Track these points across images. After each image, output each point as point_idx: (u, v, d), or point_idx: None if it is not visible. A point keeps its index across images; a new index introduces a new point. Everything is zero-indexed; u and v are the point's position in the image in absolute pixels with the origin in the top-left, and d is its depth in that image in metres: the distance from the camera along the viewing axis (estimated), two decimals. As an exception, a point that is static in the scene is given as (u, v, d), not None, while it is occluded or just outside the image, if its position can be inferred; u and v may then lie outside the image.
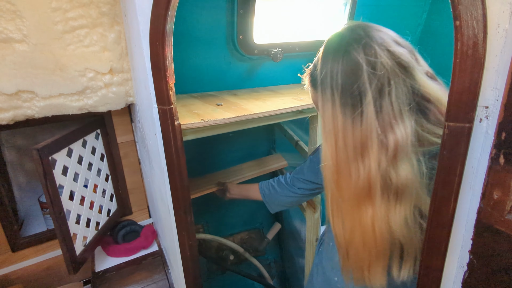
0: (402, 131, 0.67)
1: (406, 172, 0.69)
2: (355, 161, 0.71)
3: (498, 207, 0.48)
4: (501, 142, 0.46)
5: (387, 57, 0.67)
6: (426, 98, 0.69)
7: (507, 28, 0.44)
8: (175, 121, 0.84)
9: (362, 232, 0.74)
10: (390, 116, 0.67)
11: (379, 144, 0.68)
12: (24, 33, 0.99)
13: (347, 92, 0.69)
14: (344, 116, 0.70)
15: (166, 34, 0.76)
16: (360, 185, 0.71)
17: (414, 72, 0.68)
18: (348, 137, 0.70)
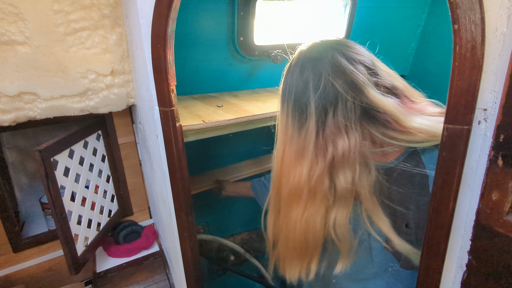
0: (345, 144, 0.73)
1: (343, 181, 0.76)
2: (294, 166, 0.80)
3: (497, 208, 0.49)
4: (500, 144, 0.47)
5: (337, 76, 0.73)
6: (380, 111, 0.74)
7: (505, 32, 0.45)
8: (176, 122, 0.84)
9: (289, 227, 0.84)
10: (332, 130, 0.74)
11: (315, 154, 0.76)
12: (26, 35, 1.00)
13: (296, 105, 0.77)
14: (293, 126, 0.79)
15: (168, 36, 0.77)
16: (293, 186, 0.80)
17: (366, 89, 0.73)
18: (293, 145, 0.79)
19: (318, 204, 0.79)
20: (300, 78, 0.76)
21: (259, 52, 1.44)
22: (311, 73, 0.75)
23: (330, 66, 0.74)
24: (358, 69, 0.74)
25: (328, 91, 0.73)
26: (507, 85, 0.44)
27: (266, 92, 1.49)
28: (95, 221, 1.31)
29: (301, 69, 0.77)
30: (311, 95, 0.74)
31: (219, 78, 1.49)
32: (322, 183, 0.77)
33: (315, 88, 0.74)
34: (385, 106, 0.73)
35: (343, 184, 0.76)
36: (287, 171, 0.82)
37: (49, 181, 1.01)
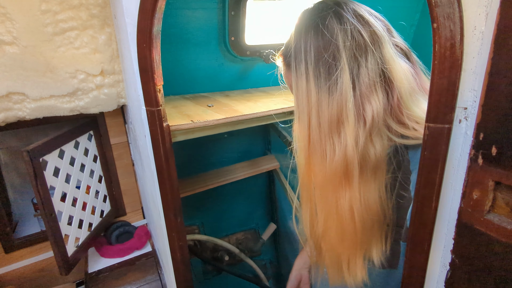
0: (378, 102, 0.64)
1: (381, 147, 0.65)
2: (330, 138, 0.66)
3: (478, 207, 0.49)
4: (480, 143, 0.47)
5: (361, 24, 0.65)
6: (389, 77, 0.66)
7: (483, 30, 0.44)
8: (163, 122, 0.84)
9: (339, 220, 0.69)
10: (366, 85, 0.64)
11: (357, 115, 0.64)
12: (14, 35, 0.99)
13: (320, 62, 0.65)
14: (318, 88, 0.66)
15: (153, 36, 0.76)
16: (335, 165, 0.66)
17: (384, 46, 0.66)
18: (323, 111, 0.66)
19: (371, 178, 0.66)
20: (322, 29, 0.65)
21: (250, 52, 1.44)
22: (335, 20, 0.65)
23: (354, 14, 0.66)
24: (377, 22, 0.67)
25: (358, 40, 0.64)
26: (486, 84, 0.44)
27: (258, 92, 1.49)
28: (86, 221, 1.30)
29: (321, 19, 0.66)
30: (340, 44, 0.64)
31: (210, 78, 1.49)
32: (369, 152, 0.65)
33: (344, 36, 0.64)
34: (397, 71, 0.65)
35: (380, 150, 0.65)
36: (321, 148, 0.67)
37: (38, 181, 1.00)
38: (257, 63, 1.56)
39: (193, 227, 1.92)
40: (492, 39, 0.42)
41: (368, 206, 0.67)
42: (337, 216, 0.69)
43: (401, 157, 0.69)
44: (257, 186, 2.04)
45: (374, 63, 0.64)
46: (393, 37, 0.70)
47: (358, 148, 0.64)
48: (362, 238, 0.69)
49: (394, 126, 0.67)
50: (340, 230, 0.70)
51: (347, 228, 0.68)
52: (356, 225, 0.68)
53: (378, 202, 0.67)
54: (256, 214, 2.14)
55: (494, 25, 0.42)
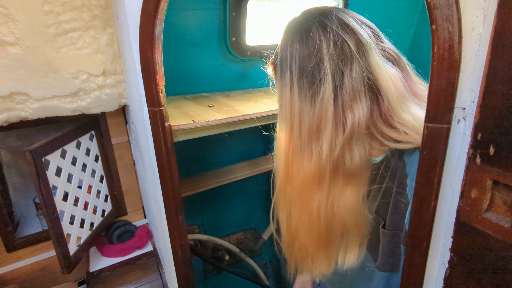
0: (360, 111, 0.65)
1: (359, 156, 0.67)
2: (309, 145, 0.68)
3: (476, 206, 0.49)
4: (478, 143, 0.47)
5: (346, 33, 0.65)
6: (376, 84, 0.66)
7: (481, 32, 0.45)
8: (165, 122, 0.85)
9: (309, 219, 0.73)
10: (350, 94, 0.64)
11: (335, 124, 0.66)
12: (17, 36, 1.00)
13: (304, 73, 0.66)
14: (301, 99, 0.67)
15: (156, 37, 0.77)
16: (310, 170, 0.69)
17: (370, 53, 0.65)
18: (304, 120, 0.68)
19: (342, 184, 0.69)
20: (306, 38, 0.66)
21: (251, 53, 1.45)
22: (319, 30, 0.65)
23: (339, 23, 0.65)
24: (364, 30, 0.67)
25: (342, 49, 0.64)
26: (484, 85, 0.45)
27: (259, 92, 1.50)
28: (88, 221, 1.31)
29: (305, 28, 0.67)
30: (324, 54, 0.64)
31: (211, 79, 1.49)
32: (344, 159, 0.67)
33: (328, 45, 0.64)
34: (384, 79, 0.65)
35: (358, 158, 0.67)
36: (300, 155, 0.70)
37: (40, 181, 1.01)
38: (258, 63, 1.57)
39: (193, 227, 1.93)
40: (489, 40, 0.43)
41: (333, 211, 0.70)
42: (307, 216, 0.73)
43: (396, 163, 0.71)
44: (257, 186, 2.05)
45: (359, 71, 0.65)
46: (381, 42, 0.69)
47: (332, 155, 0.66)
48: (325, 238, 0.74)
49: (386, 131, 0.68)
50: (308, 229, 0.74)
51: (313, 225, 0.73)
52: (321, 224, 0.72)
53: (347, 209, 0.70)
54: (256, 214, 2.15)
55: (492, 26, 0.43)
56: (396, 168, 0.71)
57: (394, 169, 0.71)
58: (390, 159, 0.71)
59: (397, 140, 0.68)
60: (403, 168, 0.69)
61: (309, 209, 0.73)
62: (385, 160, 0.72)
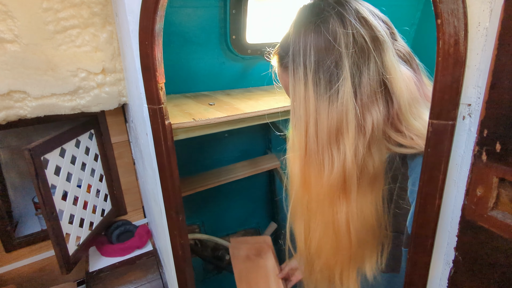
0: (378, 113, 0.60)
1: (379, 159, 0.63)
2: (328, 150, 0.62)
3: (481, 204, 0.49)
4: (483, 139, 0.46)
5: (364, 28, 0.60)
6: (390, 86, 0.62)
7: (487, 27, 0.44)
8: (165, 120, 0.84)
9: (335, 234, 0.66)
10: (368, 94, 0.60)
11: (357, 126, 0.60)
12: (15, 33, 0.99)
13: (321, 68, 0.60)
14: (317, 96, 0.61)
15: (156, 33, 0.76)
16: (334, 178, 0.62)
17: (386, 52, 0.61)
18: (321, 121, 0.61)
19: (368, 191, 0.63)
20: (323, 33, 0.60)
21: (251, 51, 1.44)
22: (337, 24, 0.59)
23: (357, 15, 0.60)
24: (380, 25, 0.62)
25: (361, 45, 0.59)
26: (490, 80, 0.44)
27: (259, 91, 1.49)
28: (87, 220, 1.30)
29: (322, 22, 0.60)
30: (342, 51, 0.59)
31: (212, 77, 1.48)
32: (367, 164, 0.62)
33: (347, 41, 0.59)
34: (397, 81, 0.60)
35: (379, 161, 0.62)
36: (318, 159, 0.63)
37: (39, 180, 1.00)
38: (258, 61, 1.56)
39: (193, 226, 1.92)
40: (496, 35, 0.42)
41: (364, 219, 0.65)
42: (333, 230, 0.66)
43: (399, 165, 0.68)
44: (258, 185, 2.04)
45: (376, 71, 0.60)
46: (396, 41, 0.65)
47: (357, 161, 0.61)
48: (356, 251, 0.67)
49: (392, 135, 0.64)
50: (335, 245, 0.67)
51: (342, 241, 0.66)
52: (352, 239, 0.66)
53: (374, 215, 0.65)
54: (256, 213, 2.14)
55: (499, 21, 0.42)
56: (399, 169, 0.68)
57: (396, 170, 0.68)
58: (393, 160, 0.69)
59: (401, 144, 0.65)
60: (405, 170, 0.67)
61: (335, 223, 0.65)
62: (387, 160, 0.70)
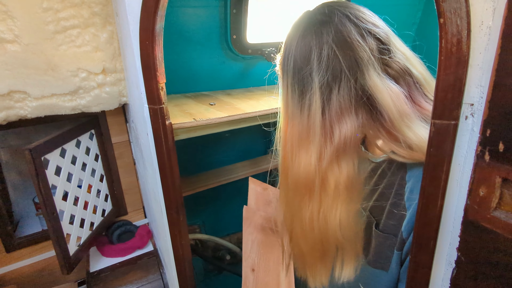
0: (348, 128, 0.64)
1: (347, 171, 0.66)
2: (298, 152, 0.68)
3: (484, 204, 0.48)
4: (486, 139, 0.46)
5: (341, 49, 0.63)
6: (375, 102, 0.64)
7: (490, 25, 0.44)
8: (166, 120, 0.84)
9: (301, 225, 0.72)
10: (336, 111, 0.64)
11: (323, 136, 0.65)
12: (15, 33, 0.99)
13: (296, 79, 0.66)
14: (293, 103, 0.68)
15: (156, 33, 0.76)
16: (299, 178, 0.69)
17: (368, 71, 0.63)
18: (294, 126, 0.68)
19: (333, 197, 0.68)
20: (302, 44, 0.65)
21: (252, 50, 1.44)
22: (314, 39, 0.64)
23: (336, 34, 0.63)
24: (367, 43, 0.63)
25: (333, 65, 0.62)
26: (493, 80, 0.44)
27: (260, 91, 1.48)
28: (88, 220, 1.30)
29: (304, 33, 0.65)
30: (314, 67, 0.63)
31: (212, 77, 1.48)
32: (332, 171, 0.66)
33: (319, 60, 0.63)
34: (382, 98, 0.62)
35: (346, 173, 0.66)
36: (292, 157, 0.70)
37: (40, 180, 1.00)
38: (259, 61, 1.56)
39: (194, 227, 1.92)
40: (499, 34, 0.42)
41: (326, 224, 0.69)
42: (303, 221, 0.72)
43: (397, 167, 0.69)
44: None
45: (348, 89, 0.63)
46: (387, 56, 0.65)
47: (320, 166, 0.66)
48: (320, 249, 0.72)
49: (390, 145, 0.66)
50: (306, 234, 0.73)
51: (307, 236, 0.72)
52: (315, 237, 0.71)
53: (339, 224, 0.68)
54: (257, 213, 2.14)
55: (502, 20, 0.42)
56: (397, 171, 0.69)
57: (393, 172, 0.70)
58: (392, 162, 0.70)
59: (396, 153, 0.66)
60: (403, 174, 0.68)
61: (301, 216, 0.72)
62: (386, 162, 0.71)
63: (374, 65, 0.63)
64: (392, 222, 0.70)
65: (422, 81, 0.68)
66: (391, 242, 0.71)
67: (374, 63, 0.63)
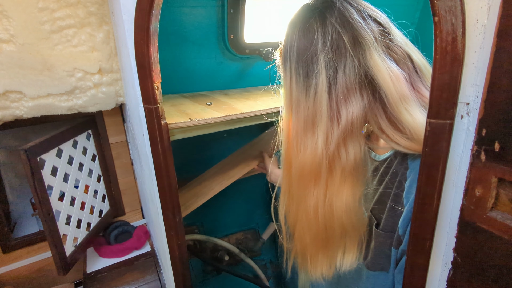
0: (354, 108, 0.64)
1: (355, 153, 0.66)
2: (304, 136, 0.68)
3: (480, 204, 0.48)
4: (482, 139, 0.46)
5: (344, 27, 0.64)
6: (374, 82, 0.64)
7: (485, 24, 0.44)
8: (161, 120, 0.83)
9: (306, 216, 0.72)
10: (343, 89, 0.64)
11: (330, 118, 0.65)
12: (11, 33, 0.98)
13: (300, 63, 0.67)
14: (298, 88, 0.68)
15: (151, 32, 0.76)
16: (305, 162, 0.68)
17: (368, 50, 0.64)
18: (300, 110, 0.68)
19: (339, 182, 0.67)
20: (305, 30, 0.66)
21: (250, 50, 1.43)
22: (318, 21, 0.65)
23: (339, 16, 0.64)
24: (368, 25, 0.64)
25: (338, 44, 0.63)
26: (489, 79, 0.43)
27: (258, 91, 1.48)
28: (85, 221, 1.30)
29: (306, 20, 0.67)
30: (319, 47, 0.64)
31: (210, 77, 1.48)
32: (339, 156, 0.66)
33: (324, 40, 0.64)
34: (383, 78, 0.63)
35: (353, 156, 0.66)
36: (296, 145, 0.70)
37: (35, 180, 0.99)
38: (256, 61, 1.55)
39: (192, 227, 1.91)
40: (494, 32, 0.42)
41: (331, 209, 0.68)
42: (307, 210, 0.71)
43: (398, 164, 0.69)
44: (257, 186, 2.03)
45: (353, 68, 0.64)
46: (388, 40, 0.66)
47: (327, 150, 0.66)
48: (324, 237, 0.71)
49: (390, 133, 0.66)
50: (309, 224, 0.72)
51: (311, 224, 0.71)
52: (319, 225, 0.70)
53: (344, 208, 0.68)
54: (256, 214, 2.13)
55: (497, 18, 0.41)
56: (398, 170, 0.69)
57: (395, 170, 0.70)
58: (393, 160, 0.70)
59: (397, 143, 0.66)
60: (404, 171, 0.68)
61: (306, 205, 0.71)
62: (388, 159, 0.72)
63: (376, 46, 0.64)
64: (392, 219, 0.70)
65: (422, 68, 0.68)
66: (391, 240, 0.71)
67: (376, 45, 0.64)
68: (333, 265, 0.75)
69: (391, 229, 0.70)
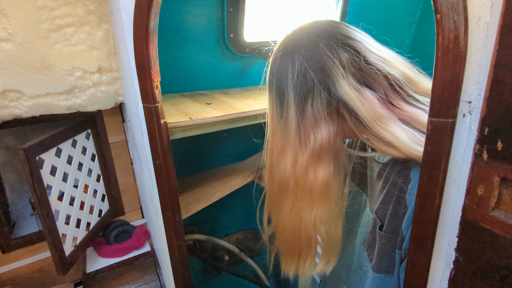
0: (323, 134, 0.70)
1: (323, 173, 0.72)
2: (281, 157, 0.76)
3: (483, 203, 0.47)
4: (484, 138, 0.45)
5: (311, 62, 0.67)
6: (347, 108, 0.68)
7: (488, 21, 0.43)
8: (160, 119, 0.83)
9: (281, 224, 0.81)
10: (311, 121, 0.69)
11: (299, 143, 0.72)
12: (9, 31, 0.98)
13: (276, 93, 0.73)
14: (276, 116, 0.75)
15: (150, 31, 0.75)
16: (279, 178, 0.77)
17: (338, 81, 0.66)
18: (277, 135, 0.76)
19: (306, 199, 0.75)
20: (280, 64, 0.72)
21: (250, 49, 1.43)
22: (289, 58, 0.70)
23: (306, 51, 0.68)
24: (337, 56, 0.66)
25: (305, 79, 0.68)
26: (491, 77, 0.43)
27: (258, 90, 1.47)
28: (84, 221, 1.29)
29: (282, 54, 0.72)
30: (289, 83, 0.70)
31: (209, 76, 1.47)
32: (307, 175, 0.73)
33: (292, 75, 0.69)
34: (354, 104, 0.66)
35: (320, 178, 0.72)
36: (276, 162, 0.78)
37: (34, 180, 0.99)
38: (257, 60, 1.55)
39: (192, 227, 1.91)
40: (497, 30, 0.41)
41: (300, 221, 0.77)
42: (280, 219, 0.81)
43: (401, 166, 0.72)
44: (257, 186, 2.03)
45: (320, 99, 0.68)
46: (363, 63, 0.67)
47: (295, 170, 0.73)
48: (296, 243, 0.81)
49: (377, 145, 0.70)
50: (283, 230, 0.82)
51: (284, 231, 0.81)
52: (289, 233, 0.80)
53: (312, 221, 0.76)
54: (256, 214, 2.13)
55: (500, 15, 0.41)
56: (401, 171, 0.71)
57: (398, 172, 0.72)
58: (396, 161, 0.73)
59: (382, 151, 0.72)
60: (407, 172, 0.70)
61: (280, 215, 0.80)
62: (391, 161, 0.74)
63: (344, 74, 0.67)
64: (395, 221, 0.72)
65: (403, 82, 0.68)
66: (395, 242, 0.72)
67: (344, 73, 0.67)
68: (301, 267, 0.85)
69: (394, 231, 0.72)
